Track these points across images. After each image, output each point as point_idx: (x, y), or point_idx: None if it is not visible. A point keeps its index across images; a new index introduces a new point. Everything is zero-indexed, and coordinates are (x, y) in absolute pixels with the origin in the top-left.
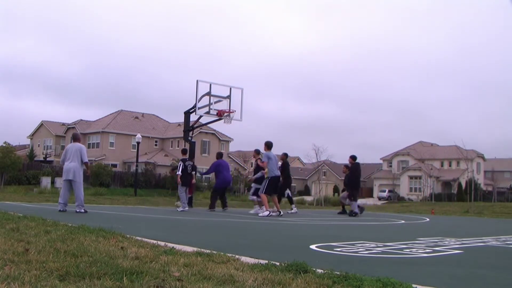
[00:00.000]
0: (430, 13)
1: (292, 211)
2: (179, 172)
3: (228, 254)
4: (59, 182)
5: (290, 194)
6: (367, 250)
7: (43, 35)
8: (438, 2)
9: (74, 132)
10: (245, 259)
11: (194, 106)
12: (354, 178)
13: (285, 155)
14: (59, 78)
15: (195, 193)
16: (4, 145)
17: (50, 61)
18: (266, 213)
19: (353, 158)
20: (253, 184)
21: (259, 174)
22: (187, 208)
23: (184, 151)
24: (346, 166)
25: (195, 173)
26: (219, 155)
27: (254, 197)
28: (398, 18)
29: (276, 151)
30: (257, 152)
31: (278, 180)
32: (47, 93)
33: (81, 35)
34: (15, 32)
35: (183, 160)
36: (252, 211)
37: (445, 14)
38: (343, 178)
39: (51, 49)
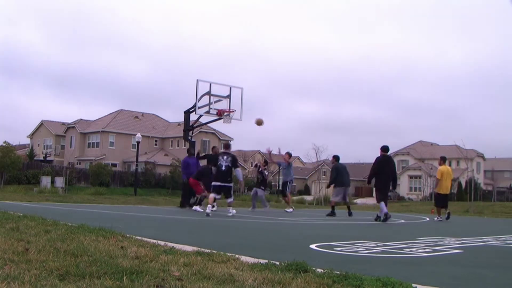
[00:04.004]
0: (430, 13)
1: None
2: None
3: (228, 254)
4: (59, 181)
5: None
6: (367, 249)
7: (43, 34)
8: (438, 2)
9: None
10: (245, 258)
11: (194, 106)
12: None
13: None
14: (59, 77)
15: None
16: (4, 144)
17: (50, 60)
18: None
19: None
20: None
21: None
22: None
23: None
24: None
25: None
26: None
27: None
28: (398, 20)
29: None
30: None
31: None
32: (47, 92)
33: (82, 34)
34: (15, 32)
35: None
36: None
37: (445, 14)
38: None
39: (51, 48)
